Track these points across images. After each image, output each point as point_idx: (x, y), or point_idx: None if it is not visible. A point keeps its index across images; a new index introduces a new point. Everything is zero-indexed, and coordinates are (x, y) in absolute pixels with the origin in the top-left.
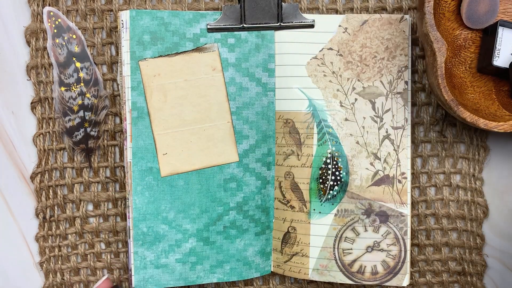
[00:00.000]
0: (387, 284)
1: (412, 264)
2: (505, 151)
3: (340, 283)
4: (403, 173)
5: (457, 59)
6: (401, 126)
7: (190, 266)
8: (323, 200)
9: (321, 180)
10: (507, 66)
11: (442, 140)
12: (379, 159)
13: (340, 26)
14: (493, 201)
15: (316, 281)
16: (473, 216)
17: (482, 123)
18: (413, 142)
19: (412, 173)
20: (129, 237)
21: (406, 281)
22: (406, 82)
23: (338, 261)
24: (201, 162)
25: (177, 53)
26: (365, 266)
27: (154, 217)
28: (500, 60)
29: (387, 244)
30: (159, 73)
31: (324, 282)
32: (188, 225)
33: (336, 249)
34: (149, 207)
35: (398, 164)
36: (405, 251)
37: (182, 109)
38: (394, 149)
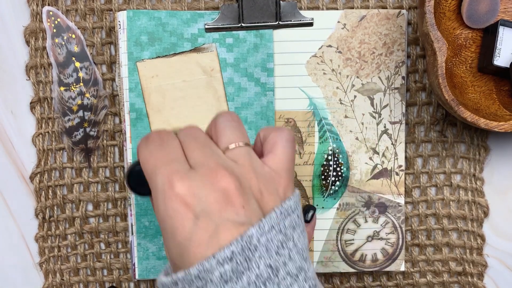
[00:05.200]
0: (387, 269)
1: (413, 264)
2: (505, 151)
3: (342, 272)
4: (400, 166)
5: (457, 59)
6: (398, 121)
7: None
8: (325, 196)
9: (323, 177)
10: (507, 65)
11: (442, 140)
12: (378, 153)
13: (338, 22)
14: (493, 201)
15: (319, 273)
16: (474, 216)
17: (482, 122)
18: (413, 142)
19: (413, 173)
20: (132, 233)
21: (403, 266)
22: (403, 78)
23: (341, 251)
24: None
25: (175, 54)
26: (366, 255)
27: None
28: (500, 59)
29: (386, 233)
30: (157, 74)
31: (327, 273)
32: None
33: (338, 241)
34: (149, 204)
35: (395, 157)
36: (402, 239)
37: (181, 110)
38: (392, 143)
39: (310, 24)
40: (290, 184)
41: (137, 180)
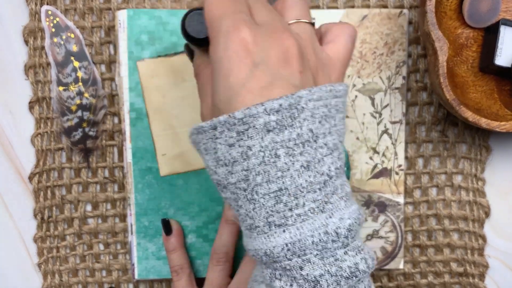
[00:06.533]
0: (386, 267)
1: (414, 265)
2: (507, 151)
3: None
4: (400, 165)
5: (458, 58)
6: (398, 121)
7: (190, 260)
8: None
9: None
10: (509, 65)
11: (443, 140)
12: (378, 153)
13: (340, 21)
14: (495, 201)
15: None
16: (475, 216)
17: (484, 122)
18: (414, 142)
19: (414, 173)
20: (131, 233)
21: (402, 264)
22: (403, 77)
23: None
24: (200, 163)
25: (176, 53)
26: None
27: (155, 212)
28: (502, 59)
29: (385, 232)
30: (157, 73)
31: None
32: (188, 222)
33: None
34: (149, 204)
35: (395, 157)
36: (402, 237)
37: (181, 110)
38: (392, 143)
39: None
40: (342, 77)
41: (194, 25)
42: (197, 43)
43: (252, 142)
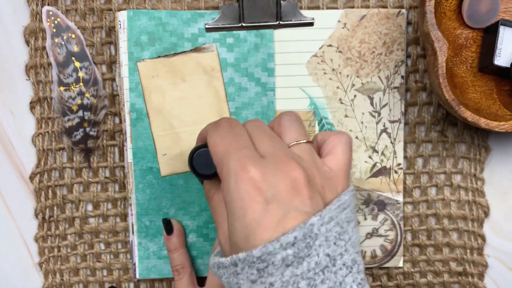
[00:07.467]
0: (385, 265)
1: (414, 264)
2: (506, 151)
3: None
4: (399, 164)
5: (458, 59)
6: (397, 120)
7: (191, 259)
8: None
9: None
10: (508, 65)
11: (443, 140)
12: (377, 152)
13: (339, 21)
14: (494, 201)
15: None
16: (474, 216)
17: (483, 122)
18: (414, 141)
19: (413, 173)
20: (132, 233)
21: (401, 262)
22: (402, 77)
23: None
24: None
25: (175, 54)
26: (365, 251)
27: (156, 212)
28: (501, 59)
29: (385, 230)
30: (157, 74)
31: None
32: (188, 221)
33: None
34: (150, 203)
35: (394, 155)
36: (401, 235)
37: (181, 110)
38: (391, 142)
39: (311, 24)
40: (347, 183)
41: (200, 162)
42: (205, 177)
43: (273, 278)
